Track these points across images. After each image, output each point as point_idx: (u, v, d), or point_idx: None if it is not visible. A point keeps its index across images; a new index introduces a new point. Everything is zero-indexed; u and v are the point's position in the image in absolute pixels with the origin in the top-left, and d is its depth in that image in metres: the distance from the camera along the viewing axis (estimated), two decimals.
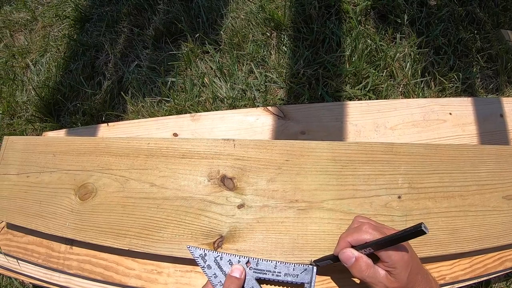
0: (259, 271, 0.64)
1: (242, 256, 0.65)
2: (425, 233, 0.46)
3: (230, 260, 0.65)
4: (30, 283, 1.21)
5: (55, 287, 1.00)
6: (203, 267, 0.65)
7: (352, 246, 0.59)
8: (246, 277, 0.63)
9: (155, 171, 0.79)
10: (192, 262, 0.75)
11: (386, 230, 0.58)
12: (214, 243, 0.70)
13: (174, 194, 0.76)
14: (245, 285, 0.63)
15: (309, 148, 0.76)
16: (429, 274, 0.61)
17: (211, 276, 0.64)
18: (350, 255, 0.58)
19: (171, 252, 0.71)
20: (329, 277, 0.71)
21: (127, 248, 0.73)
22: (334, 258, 0.61)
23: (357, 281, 0.68)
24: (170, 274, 0.78)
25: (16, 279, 1.36)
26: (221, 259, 0.65)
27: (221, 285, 0.62)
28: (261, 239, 0.70)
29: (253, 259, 0.65)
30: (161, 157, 0.80)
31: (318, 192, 0.73)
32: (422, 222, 0.47)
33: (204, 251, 0.66)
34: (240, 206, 0.73)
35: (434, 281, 0.62)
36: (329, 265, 0.64)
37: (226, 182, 0.76)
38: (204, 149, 0.79)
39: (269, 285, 0.67)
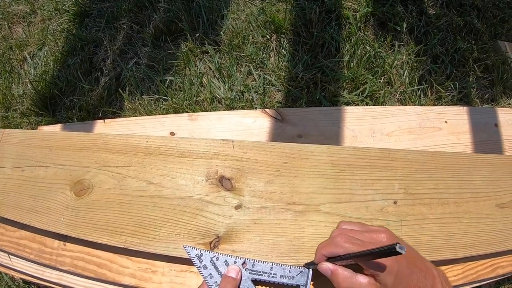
0: (255, 272, 0.64)
1: (238, 257, 0.65)
2: (400, 253, 0.45)
3: (226, 260, 0.65)
4: (21, 278, 1.20)
5: (46, 283, 0.99)
6: (199, 267, 0.65)
7: (331, 257, 0.59)
8: (242, 278, 0.63)
9: (153, 169, 0.79)
10: (187, 261, 0.74)
11: (366, 236, 0.58)
12: (210, 243, 0.70)
13: (172, 193, 0.76)
14: (240, 286, 0.63)
15: (308, 151, 0.77)
16: (427, 274, 0.59)
17: (207, 276, 0.64)
18: (326, 268, 0.58)
19: (167, 251, 0.71)
20: (324, 280, 0.71)
21: (123, 246, 0.73)
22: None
23: None
24: (165, 273, 0.78)
25: (6, 274, 1.35)
26: (217, 260, 0.65)
27: (216, 286, 0.62)
28: (258, 240, 0.70)
29: (249, 260, 0.65)
30: (159, 155, 0.80)
31: (315, 195, 0.73)
32: (397, 243, 0.45)
33: (200, 251, 0.66)
34: (238, 207, 0.73)
35: (439, 278, 0.60)
36: None
37: (224, 182, 0.76)
38: (203, 148, 0.79)
39: (264, 286, 0.67)
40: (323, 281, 0.63)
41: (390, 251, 0.47)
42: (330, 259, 0.59)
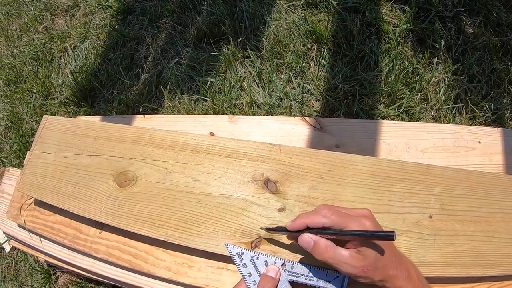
0: (293, 274, 0.65)
1: (278, 258, 0.66)
2: (393, 239, 0.48)
3: (266, 260, 0.66)
4: (46, 261, 1.22)
5: (75, 269, 1.02)
6: (238, 265, 0.66)
7: (311, 229, 0.60)
8: (280, 278, 0.64)
9: (199, 167, 0.81)
10: (225, 259, 0.77)
11: (349, 215, 0.59)
12: (252, 242, 0.72)
13: (217, 191, 0.78)
14: (278, 287, 0.64)
15: (351, 161, 0.78)
16: (401, 264, 0.59)
17: (246, 275, 0.65)
18: (308, 239, 0.59)
19: (208, 247, 0.73)
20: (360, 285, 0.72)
21: (163, 239, 0.75)
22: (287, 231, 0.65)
23: None
24: (201, 269, 0.80)
25: (32, 255, 1.38)
26: (257, 259, 0.66)
27: (254, 285, 0.64)
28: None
29: (289, 262, 0.66)
30: (206, 153, 0.82)
31: (355, 204, 0.74)
32: (394, 231, 0.48)
33: (241, 250, 0.67)
34: (281, 209, 0.75)
35: (414, 269, 0.61)
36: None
37: (269, 185, 0.77)
38: (250, 151, 0.81)
39: None
40: (359, 285, 0.64)
41: (386, 236, 0.49)
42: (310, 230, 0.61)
